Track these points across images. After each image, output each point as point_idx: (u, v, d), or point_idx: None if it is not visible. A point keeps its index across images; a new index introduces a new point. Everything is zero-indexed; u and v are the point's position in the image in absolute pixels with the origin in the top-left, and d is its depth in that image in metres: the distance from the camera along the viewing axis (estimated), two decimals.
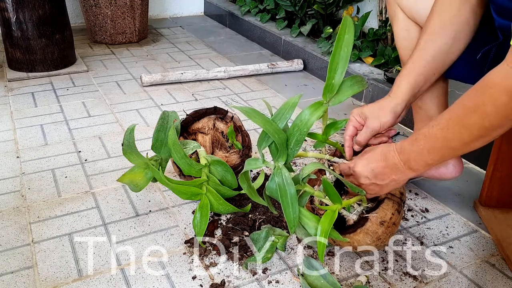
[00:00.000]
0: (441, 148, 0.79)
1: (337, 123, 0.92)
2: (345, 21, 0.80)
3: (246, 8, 2.68)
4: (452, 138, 0.77)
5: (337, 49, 0.82)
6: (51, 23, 1.98)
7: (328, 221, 0.87)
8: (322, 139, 0.93)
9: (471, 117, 0.73)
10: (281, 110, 0.90)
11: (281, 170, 0.88)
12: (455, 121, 0.76)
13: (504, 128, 0.73)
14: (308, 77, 2.12)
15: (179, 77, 1.98)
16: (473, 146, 0.77)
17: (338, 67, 0.82)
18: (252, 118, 0.86)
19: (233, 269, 0.99)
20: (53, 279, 0.95)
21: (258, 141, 0.90)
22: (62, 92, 1.87)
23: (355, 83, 0.86)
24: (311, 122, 0.86)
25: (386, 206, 0.91)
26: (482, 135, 0.74)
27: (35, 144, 1.47)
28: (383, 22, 1.96)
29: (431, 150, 0.80)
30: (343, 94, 0.86)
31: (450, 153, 0.80)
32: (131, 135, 1.09)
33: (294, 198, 0.87)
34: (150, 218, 1.14)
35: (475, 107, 0.72)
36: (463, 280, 0.98)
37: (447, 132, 0.77)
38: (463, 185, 1.31)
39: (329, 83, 0.84)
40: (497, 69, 0.70)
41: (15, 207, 1.17)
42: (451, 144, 0.78)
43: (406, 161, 0.84)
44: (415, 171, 0.84)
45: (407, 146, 0.84)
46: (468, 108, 0.73)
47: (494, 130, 0.73)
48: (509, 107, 0.69)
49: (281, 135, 0.87)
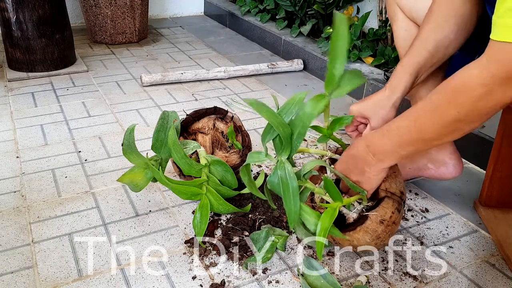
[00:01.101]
0: (414, 140, 0.79)
1: (343, 118, 0.92)
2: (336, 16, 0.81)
3: (246, 8, 2.68)
4: (426, 130, 0.77)
5: (333, 42, 0.83)
6: (51, 23, 1.98)
7: (328, 218, 0.87)
8: (327, 134, 0.94)
9: (445, 109, 0.73)
10: (287, 104, 0.91)
11: (284, 164, 0.88)
12: (430, 113, 0.75)
13: (479, 122, 0.72)
14: (308, 77, 2.12)
15: (179, 77, 1.98)
16: (446, 139, 0.77)
17: (337, 59, 0.83)
18: (258, 110, 0.86)
19: (233, 269, 0.99)
20: (53, 279, 0.95)
21: (262, 134, 0.90)
22: (62, 92, 1.87)
23: (354, 77, 0.87)
24: (314, 114, 0.86)
25: (386, 204, 0.91)
26: (456, 128, 0.74)
27: (35, 144, 1.47)
28: (383, 22, 1.96)
29: (403, 142, 0.80)
30: (343, 88, 0.87)
31: (423, 145, 0.80)
32: (131, 135, 1.09)
33: (296, 192, 0.87)
34: (150, 218, 1.15)
35: (450, 99, 0.72)
36: (463, 280, 0.98)
37: (420, 123, 0.77)
38: (463, 185, 1.31)
39: (331, 74, 0.84)
40: (476, 62, 0.69)
41: (15, 207, 1.17)
42: (424, 136, 0.78)
43: (375, 153, 0.85)
44: (385, 162, 0.85)
45: (377, 139, 0.84)
46: (443, 100, 0.73)
47: (469, 123, 0.73)
48: (484, 100, 0.69)
49: (286, 129, 0.87)
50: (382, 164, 0.86)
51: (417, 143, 0.79)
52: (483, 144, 1.36)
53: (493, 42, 0.66)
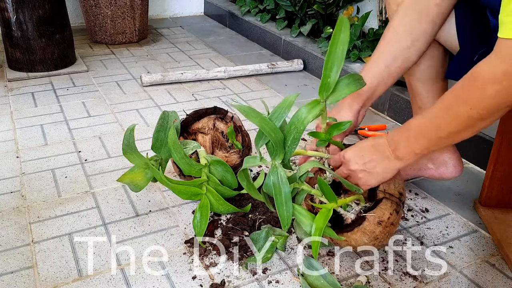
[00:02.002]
0: (429, 138, 0.82)
1: (341, 124, 0.93)
2: (341, 21, 0.81)
3: (246, 8, 2.68)
4: (441, 128, 0.80)
5: (332, 47, 0.83)
6: (51, 23, 1.98)
7: (322, 219, 0.88)
8: (325, 139, 0.94)
9: (460, 108, 0.75)
10: (278, 109, 0.91)
11: (277, 168, 0.90)
12: (445, 111, 0.78)
13: (492, 118, 0.75)
14: (308, 77, 2.12)
15: (179, 77, 1.98)
16: (460, 136, 0.80)
17: (334, 65, 0.84)
18: (249, 117, 0.87)
19: (233, 269, 0.99)
20: (53, 279, 0.95)
21: (255, 139, 0.91)
22: (62, 92, 1.87)
23: (352, 82, 0.87)
24: (308, 120, 0.88)
25: (384, 206, 0.91)
26: (470, 125, 0.77)
27: (35, 144, 1.47)
28: (383, 22, 1.96)
29: (419, 139, 0.83)
30: (340, 93, 0.87)
31: (438, 142, 0.83)
32: (131, 135, 1.09)
33: (288, 197, 0.89)
34: (150, 218, 1.14)
35: (464, 98, 0.74)
36: (463, 280, 0.98)
37: (436, 121, 0.80)
38: (463, 185, 1.31)
39: (325, 82, 0.85)
40: (485, 60, 0.72)
41: (15, 207, 1.17)
42: (439, 134, 0.80)
43: (394, 149, 0.87)
44: (402, 160, 0.87)
45: (397, 135, 0.87)
46: (457, 99, 0.76)
47: (482, 121, 0.75)
48: (496, 97, 0.71)
49: (277, 134, 0.88)
50: (398, 163, 0.88)
51: (432, 140, 0.82)
52: (483, 144, 1.36)
53: (502, 40, 0.68)
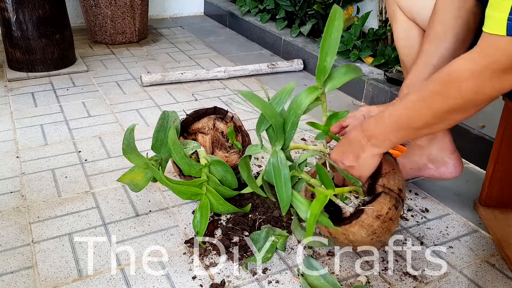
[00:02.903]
0: (404, 128, 0.82)
1: (338, 114, 0.94)
2: (335, 9, 0.84)
3: (246, 8, 2.68)
4: (416, 119, 0.79)
5: (327, 34, 0.85)
6: (51, 23, 1.98)
7: (318, 205, 0.88)
8: (323, 130, 0.95)
9: (436, 99, 0.75)
10: (278, 95, 0.95)
11: (278, 152, 0.92)
12: (421, 102, 0.78)
13: (467, 113, 0.75)
14: (308, 77, 2.12)
15: (179, 77, 1.98)
16: (436, 128, 0.80)
17: (329, 50, 0.86)
18: (252, 101, 0.91)
19: (233, 269, 0.99)
20: (53, 279, 0.95)
21: (256, 125, 0.94)
22: (62, 92, 1.87)
23: (350, 71, 0.88)
24: (305, 104, 0.90)
25: (383, 200, 0.90)
26: (445, 118, 0.76)
27: (35, 144, 1.47)
28: (383, 22, 1.96)
29: (394, 128, 0.83)
30: (338, 80, 0.89)
31: (413, 133, 0.83)
32: (131, 135, 1.10)
33: (287, 178, 0.91)
34: (150, 218, 1.14)
35: (441, 90, 0.74)
36: (463, 280, 0.98)
37: (411, 112, 0.79)
38: (463, 185, 1.31)
39: (321, 66, 0.87)
40: (467, 54, 0.71)
41: (15, 207, 1.17)
42: (414, 124, 0.80)
43: (369, 137, 0.87)
44: (379, 147, 0.87)
45: (372, 124, 0.87)
46: (434, 90, 0.75)
47: (458, 114, 0.75)
48: (473, 91, 0.70)
49: (278, 119, 0.91)
50: (375, 150, 0.88)
51: (407, 130, 0.82)
52: (483, 144, 1.36)
53: (485, 34, 0.67)
